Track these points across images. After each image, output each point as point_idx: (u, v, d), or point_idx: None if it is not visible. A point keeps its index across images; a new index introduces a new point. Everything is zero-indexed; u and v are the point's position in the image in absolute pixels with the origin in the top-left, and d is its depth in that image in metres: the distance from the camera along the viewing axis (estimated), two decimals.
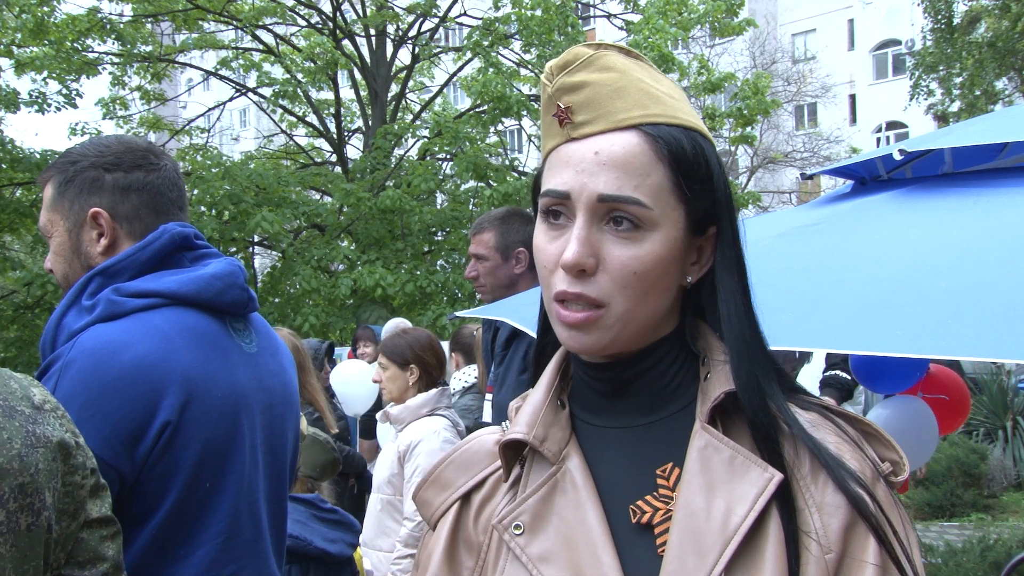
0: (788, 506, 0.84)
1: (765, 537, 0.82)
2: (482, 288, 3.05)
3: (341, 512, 2.62)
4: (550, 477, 0.92)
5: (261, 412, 1.63)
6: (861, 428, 0.91)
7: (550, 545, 0.89)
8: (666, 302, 0.91)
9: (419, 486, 1.02)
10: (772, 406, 0.88)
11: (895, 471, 0.88)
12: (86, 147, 1.61)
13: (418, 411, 3.36)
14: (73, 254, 1.59)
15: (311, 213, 12.76)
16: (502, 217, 3.04)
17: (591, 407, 0.96)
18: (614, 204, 0.86)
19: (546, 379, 0.98)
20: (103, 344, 1.43)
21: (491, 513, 0.95)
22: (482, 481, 0.99)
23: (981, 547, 5.42)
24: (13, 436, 1.03)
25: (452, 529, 0.97)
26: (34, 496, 1.02)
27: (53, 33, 12.81)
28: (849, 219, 2.34)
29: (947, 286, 1.71)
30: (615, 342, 0.89)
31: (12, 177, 11.92)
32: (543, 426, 0.94)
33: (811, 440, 0.86)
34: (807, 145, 23.83)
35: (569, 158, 0.89)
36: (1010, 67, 16.80)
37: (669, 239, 0.87)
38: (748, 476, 0.84)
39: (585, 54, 0.90)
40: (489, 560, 0.93)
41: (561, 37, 13.08)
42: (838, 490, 0.84)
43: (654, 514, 0.87)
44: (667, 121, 0.88)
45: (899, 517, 0.86)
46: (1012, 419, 9.10)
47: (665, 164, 0.87)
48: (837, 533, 0.83)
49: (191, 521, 1.48)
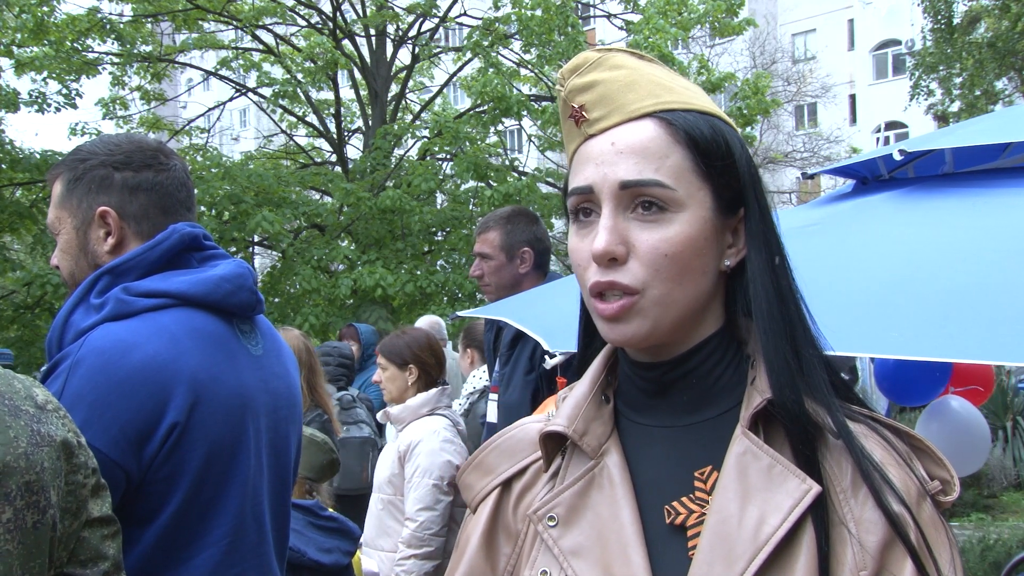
0: (824, 519, 0.82)
1: (798, 549, 0.81)
2: (487, 287, 3.05)
3: (340, 519, 2.60)
4: (587, 471, 0.92)
5: (266, 415, 1.63)
6: (911, 443, 0.89)
7: (583, 540, 0.89)
8: (704, 287, 0.89)
9: (463, 469, 1.03)
10: (813, 412, 0.85)
11: (944, 490, 0.86)
12: (96, 145, 1.61)
13: (418, 411, 3.36)
14: (80, 252, 1.59)
15: (311, 213, 12.75)
16: (507, 216, 3.03)
17: (636, 405, 0.95)
18: (637, 189, 0.86)
19: (591, 373, 0.98)
20: (113, 343, 1.43)
21: (530, 502, 0.96)
22: (524, 469, 0.99)
23: (981, 547, 5.41)
24: (19, 435, 1.03)
25: (492, 514, 0.98)
26: (40, 494, 1.03)
27: (53, 33, 12.79)
28: (848, 219, 2.34)
29: (944, 287, 1.70)
30: (655, 329, 0.88)
31: (12, 177, 11.90)
32: (584, 420, 0.94)
33: (857, 452, 0.84)
34: (807, 145, 23.82)
35: (589, 154, 0.89)
36: (1010, 67, 16.79)
37: (698, 219, 0.87)
38: (785, 486, 0.83)
39: (594, 56, 0.92)
40: (525, 548, 0.94)
41: (561, 37, 13.06)
42: (877, 506, 0.82)
43: (688, 516, 0.87)
44: (682, 107, 0.89)
45: (945, 540, 0.83)
46: (1012, 419, 9.10)
47: (683, 146, 0.87)
48: (874, 550, 0.81)
49: (196, 523, 1.48)
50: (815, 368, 0.88)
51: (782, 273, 0.90)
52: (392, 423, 3.48)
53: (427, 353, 3.44)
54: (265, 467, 1.62)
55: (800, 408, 0.85)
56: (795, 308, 0.90)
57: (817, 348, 0.90)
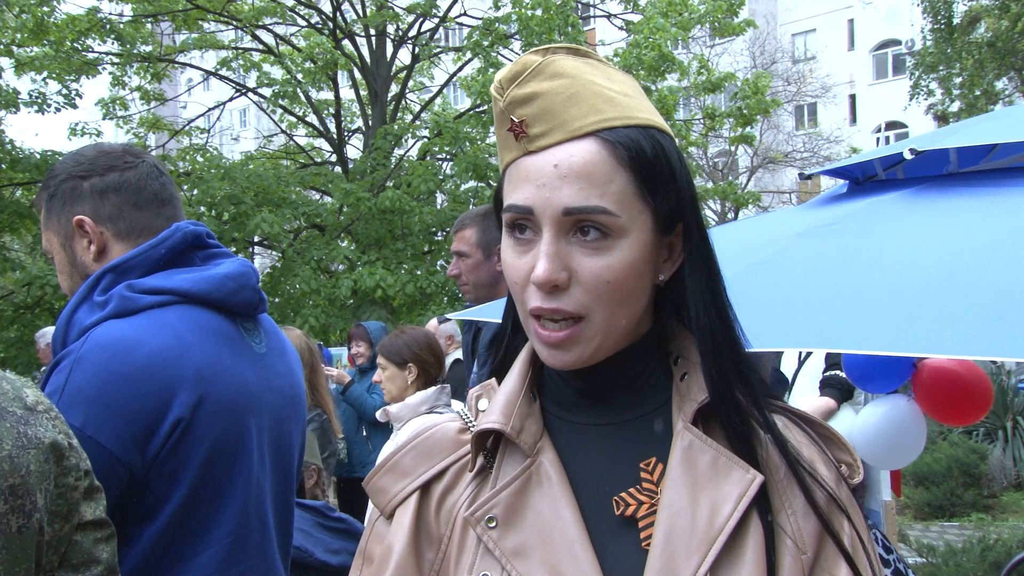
0: (768, 507, 0.87)
1: (746, 536, 0.84)
2: (464, 286, 3.00)
3: (349, 520, 2.60)
4: (524, 470, 0.91)
5: (269, 413, 1.63)
6: (819, 431, 0.95)
7: (525, 539, 0.88)
8: (643, 304, 0.91)
9: (373, 473, 0.99)
10: (746, 409, 0.89)
11: (851, 473, 0.93)
12: (64, 161, 1.65)
13: (417, 409, 3.35)
14: (71, 267, 1.61)
15: (311, 213, 12.75)
16: (484, 213, 3.00)
17: (565, 404, 0.95)
18: (581, 216, 0.84)
19: (519, 371, 0.97)
20: (117, 339, 1.43)
21: (453, 504, 0.93)
22: (443, 471, 0.96)
23: (981, 547, 5.41)
24: (4, 437, 1.02)
25: (414, 519, 0.94)
26: (25, 498, 1.02)
27: (53, 33, 12.80)
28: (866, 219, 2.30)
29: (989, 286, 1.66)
30: (597, 352, 0.88)
31: (12, 177, 11.91)
32: (519, 417, 0.92)
33: (786, 448, 0.89)
34: (807, 145, 23.84)
35: (528, 172, 0.87)
36: (1010, 67, 16.80)
37: (639, 243, 0.86)
38: (731, 477, 0.86)
39: (534, 62, 0.87)
40: (451, 553, 0.91)
41: (561, 37, 13.05)
42: (805, 496, 0.88)
43: (638, 507, 0.87)
44: (623, 123, 0.86)
45: (861, 517, 0.91)
46: (1012, 419, 9.11)
47: (627, 169, 0.85)
48: (812, 536, 0.87)
49: (199, 521, 1.48)
50: (746, 369, 0.91)
51: (715, 283, 0.92)
52: (392, 421, 3.48)
53: (426, 352, 3.45)
54: (268, 465, 1.62)
55: (737, 405, 0.89)
56: (728, 314, 0.92)
57: (742, 350, 0.93)
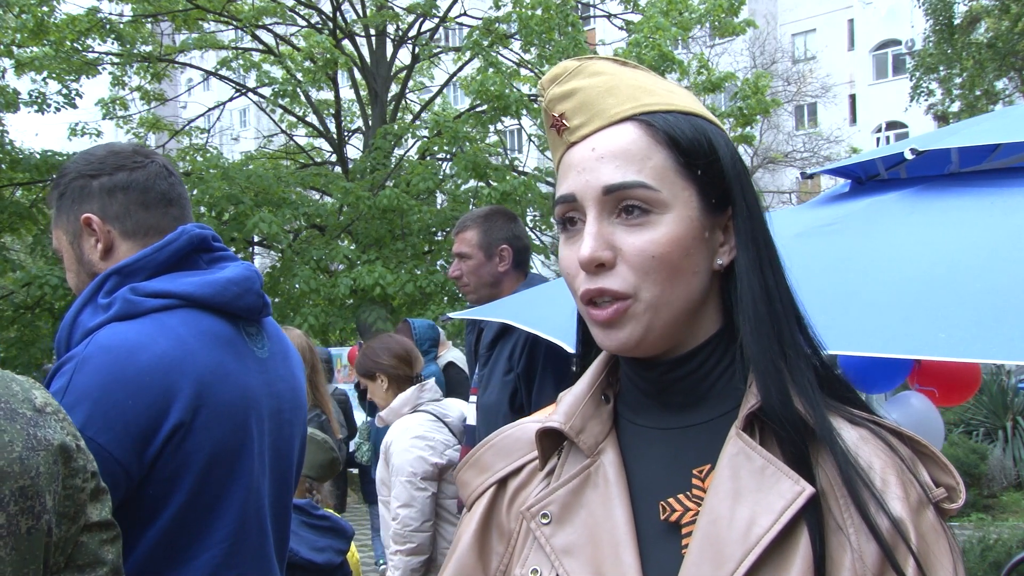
0: (820, 522, 0.80)
1: (793, 551, 0.79)
2: (466, 287, 3.02)
3: (333, 518, 2.61)
4: (583, 470, 0.91)
5: (270, 417, 1.64)
6: (916, 448, 0.86)
7: (575, 538, 0.88)
8: (696, 287, 0.88)
9: (460, 466, 1.02)
10: (804, 414, 0.83)
11: (950, 496, 0.83)
12: (75, 159, 1.66)
13: (399, 411, 3.47)
14: (79, 265, 1.62)
15: (311, 213, 12.74)
16: (485, 215, 3.02)
17: (635, 406, 0.94)
18: (621, 192, 0.85)
19: (591, 372, 0.97)
20: (120, 343, 1.44)
21: (523, 501, 0.95)
22: (520, 468, 0.98)
23: (981, 547, 5.41)
24: (14, 439, 1.02)
25: (485, 513, 0.97)
26: (35, 499, 1.02)
27: (53, 33, 12.78)
28: (866, 219, 2.31)
29: (986, 287, 1.66)
30: (649, 333, 0.87)
31: (12, 177, 11.89)
32: (581, 418, 0.93)
33: (841, 458, 0.82)
34: (807, 145, 23.83)
35: (571, 162, 0.89)
36: (1010, 67, 16.79)
37: (683, 219, 0.86)
38: (777, 487, 0.81)
39: (574, 65, 0.91)
40: (518, 548, 0.93)
41: (561, 37, 13.04)
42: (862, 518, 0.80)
43: (683, 514, 0.86)
44: (662, 109, 0.88)
45: (946, 548, 0.81)
46: (1012, 419, 9.11)
47: (665, 146, 0.86)
48: (873, 560, 0.79)
49: (198, 524, 1.48)
50: (803, 369, 0.86)
51: (769, 271, 0.89)
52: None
53: (387, 358, 3.55)
54: (268, 469, 1.63)
55: (787, 410, 0.83)
56: (783, 307, 0.88)
57: (805, 349, 0.89)
